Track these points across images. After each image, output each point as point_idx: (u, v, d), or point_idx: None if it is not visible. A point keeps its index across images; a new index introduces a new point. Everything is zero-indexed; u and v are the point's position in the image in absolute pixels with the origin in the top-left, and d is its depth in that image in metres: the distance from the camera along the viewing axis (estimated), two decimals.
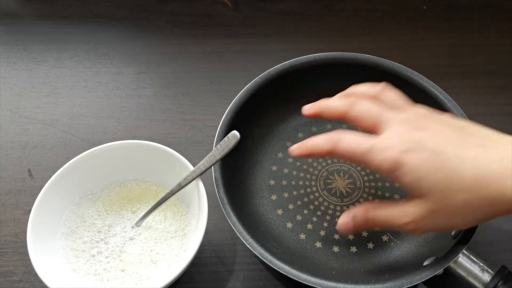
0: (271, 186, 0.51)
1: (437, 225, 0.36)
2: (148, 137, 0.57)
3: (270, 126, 0.54)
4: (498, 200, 0.33)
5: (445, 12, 0.70)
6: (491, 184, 0.32)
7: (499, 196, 0.32)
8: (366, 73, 0.53)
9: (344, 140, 0.37)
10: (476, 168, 0.33)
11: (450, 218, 0.35)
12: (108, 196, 0.48)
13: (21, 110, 0.61)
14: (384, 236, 0.48)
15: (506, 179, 0.32)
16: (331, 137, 0.38)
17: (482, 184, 0.33)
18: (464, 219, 0.35)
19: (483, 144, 0.34)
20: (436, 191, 0.34)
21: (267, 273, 0.48)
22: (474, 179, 0.33)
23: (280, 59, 0.53)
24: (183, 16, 0.70)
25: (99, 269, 0.44)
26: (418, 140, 0.34)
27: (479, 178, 0.33)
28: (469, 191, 0.33)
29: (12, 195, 0.53)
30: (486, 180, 0.33)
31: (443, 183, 0.34)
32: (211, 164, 0.45)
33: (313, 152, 0.40)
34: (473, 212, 0.34)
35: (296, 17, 0.70)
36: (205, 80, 0.63)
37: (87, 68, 0.65)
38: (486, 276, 0.40)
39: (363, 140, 0.36)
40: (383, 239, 0.47)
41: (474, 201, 0.33)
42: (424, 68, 0.52)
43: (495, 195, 0.33)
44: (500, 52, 0.65)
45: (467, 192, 0.33)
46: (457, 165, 0.33)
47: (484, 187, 0.33)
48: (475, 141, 0.34)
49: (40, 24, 0.70)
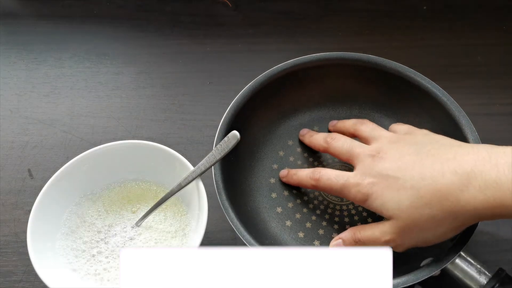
0: (272, 184, 0.51)
1: (413, 240, 0.39)
2: (148, 137, 0.57)
3: (270, 126, 0.54)
4: (458, 211, 0.35)
5: (445, 12, 0.70)
6: (448, 197, 0.36)
7: (458, 207, 0.35)
8: (367, 73, 0.53)
9: (323, 178, 0.44)
10: (432, 183, 0.37)
11: (422, 232, 0.38)
12: (108, 196, 0.48)
13: (21, 110, 0.61)
14: None
15: (462, 191, 0.35)
16: (312, 175, 0.45)
17: (441, 198, 0.36)
18: (435, 233, 0.38)
19: (439, 161, 0.37)
20: (402, 210, 0.38)
21: None
22: (432, 194, 0.36)
23: (280, 59, 0.53)
24: (183, 16, 0.70)
25: (99, 269, 0.44)
26: (379, 170, 0.40)
27: (435, 192, 0.36)
28: (431, 205, 0.37)
29: (12, 195, 0.53)
30: (441, 194, 0.36)
31: (406, 203, 0.38)
32: (211, 164, 0.45)
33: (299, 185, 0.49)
34: (440, 225, 0.37)
35: (296, 17, 0.70)
36: (205, 80, 0.63)
37: (87, 68, 0.65)
38: (483, 278, 0.40)
39: (338, 177, 0.43)
40: None
41: (437, 214, 0.36)
42: (424, 68, 0.52)
43: (454, 207, 0.35)
44: (500, 52, 0.65)
45: (429, 206, 0.37)
46: (415, 184, 0.37)
47: (442, 200, 0.36)
48: (432, 159, 0.38)
49: (40, 24, 0.70)
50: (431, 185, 0.36)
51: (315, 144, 0.50)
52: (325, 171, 0.44)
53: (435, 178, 0.37)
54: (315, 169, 0.46)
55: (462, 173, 0.35)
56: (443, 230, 0.38)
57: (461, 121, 0.47)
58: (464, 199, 0.35)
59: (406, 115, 0.53)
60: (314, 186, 0.46)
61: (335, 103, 0.55)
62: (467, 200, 0.35)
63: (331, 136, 0.47)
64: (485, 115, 0.58)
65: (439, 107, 0.49)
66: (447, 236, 0.39)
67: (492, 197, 0.34)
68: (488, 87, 0.61)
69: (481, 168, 0.35)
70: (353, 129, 0.48)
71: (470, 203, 0.35)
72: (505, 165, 0.34)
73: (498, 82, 0.62)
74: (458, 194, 0.35)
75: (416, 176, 0.38)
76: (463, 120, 0.47)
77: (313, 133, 0.52)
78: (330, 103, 0.55)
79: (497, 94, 0.60)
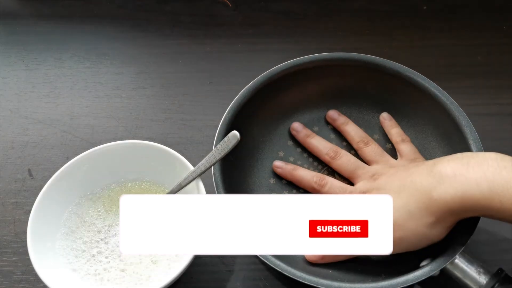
0: (271, 185, 0.51)
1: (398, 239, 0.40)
2: (148, 137, 0.57)
3: (270, 125, 0.54)
4: (432, 205, 0.39)
5: (445, 12, 0.70)
6: (424, 193, 0.40)
7: (431, 201, 0.39)
8: (367, 74, 0.53)
9: (327, 186, 0.49)
10: (411, 185, 0.41)
11: (403, 232, 0.40)
12: (108, 196, 0.48)
13: (21, 110, 0.61)
14: None
15: (435, 187, 0.39)
16: (318, 181, 0.49)
17: (417, 196, 0.40)
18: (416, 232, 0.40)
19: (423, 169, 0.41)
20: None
21: (267, 273, 0.48)
22: (410, 194, 0.41)
23: (280, 59, 0.52)
24: (183, 16, 0.70)
25: (99, 269, 0.44)
26: (377, 184, 0.46)
27: (413, 191, 0.41)
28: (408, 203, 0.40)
29: (12, 195, 0.53)
30: (418, 192, 0.40)
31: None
32: (211, 164, 0.45)
33: (297, 183, 0.51)
34: (418, 223, 0.40)
35: (296, 17, 0.70)
36: (205, 80, 0.63)
37: (87, 68, 0.65)
38: (483, 278, 0.40)
39: (341, 189, 0.48)
40: None
41: (414, 210, 0.40)
42: (424, 68, 0.52)
43: (428, 201, 0.39)
44: (500, 52, 0.65)
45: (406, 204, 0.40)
46: (397, 189, 0.42)
47: (418, 197, 0.40)
48: (416, 170, 0.42)
49: (40, 24, 0.70)
50: (410, 187, 0.41)
51: (316, 152, 0.53)
52: (331, 181, 0.49)
53: (414, 181, 0.41)
54: (322, 175, 0.50)
55: (439, 175, 0.39)
56: (422, 229, 0.40)
57: (461, 121, 0.47)
58: (437, 193, 0.39)
59: (406, 115, 0.53)
60: (315, 190, 0.49)
61: (334, 103, 0.55)
62: (439, 194, 0.38)
63: (335, 151, 0.51)
64: (485, 115, 0.58)
65: (439, 107, 0.49)
66: (428, 237, 0.41)
67: (460, 190, 0.37)
68: (488, 87, 0.61)
69: (451, 168, 0.39)
70: (357, 147, 0.52)
71: (441, 197, 0.38)
72: (475, 163, 0.38)
73: (498, 82, 0.62)
74: (432, 190, 0.39)
75: (398, 184, 0.43)
76: (463, 120, 0.47)
77: (310, 133, 0.53)
78: (329, 103, 0.55)
79: (497, 94, 0.60)
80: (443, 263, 0.40)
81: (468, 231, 0.41)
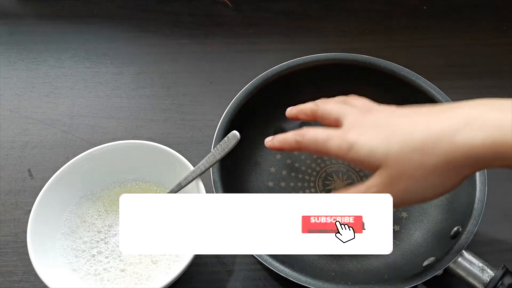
0: (270, 188, 0.51)
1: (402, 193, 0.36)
2: (148, 137, 0.57)
3: (269, 127, 0.54)
4: (452, 153, 0.33)
5: (445, 12, 0.70)
6: (442, 138, 0.33)
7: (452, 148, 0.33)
8: (364, 74, 0.53)
9: (309, 133, 0.40)
10: (426, 128, 0.34)
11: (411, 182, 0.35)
12: (108, 196, 0.48)
13: (21, 110, 0.61)
14: None
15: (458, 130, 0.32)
16: (298, 132, 0.41)
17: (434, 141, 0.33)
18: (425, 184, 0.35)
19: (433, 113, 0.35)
20: (390, 157, 0.35)
21: (267, 273, 0.48)
22: (425, 137, 0.34)
23: (280, 59, 0.53)
24: (183, 16, 0.70)
25: (99, 269, 0.44)
26: (370, 121, 0.37)
27: (429, 135, 0.34)
28: (422, 150, 0.34)
29: (12, 195, 0.53)
30: (435, 136, 0.33)
31: (395, 148, 0.35)
32: (211, 164, 0.45)
33: (283, 145, 0.43)
34: (431, 173, 0.34)
35: (296, 17, 0.70)
36: (205, 80, 0.63)
37: (87, 68, 0.65)
38: (486, 276, 0.40)
39: (324, 131, 0.39)
40: None
41: (429, 160, 0.34)
42: (424, 68, 0.52)
43: (448, 148, 0.33)
44: (500, 52, 0.65)
45: (420, 152, 0.34)
46: (407, 129, 0.35)
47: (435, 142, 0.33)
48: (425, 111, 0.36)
49: (40, 24, 0.70)
50: (424, 130, 0.34)
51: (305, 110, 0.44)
52: (312, 128, 0.41)
53: (429, 123, 0.34)
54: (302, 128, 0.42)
55: (459, 117, 0.33)
56: (434, 180, 0.35)
57: None
58: (460, 138, 0.32)
59: None
60: (298, 143, 0.41)
61: None
62: (464, 139, 0.32)
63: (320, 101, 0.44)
64: None
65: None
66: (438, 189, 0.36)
67: (492, 136, 0.32)
68: (488, 87, 0.61)
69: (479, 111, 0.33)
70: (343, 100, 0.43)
71: (466, 142, 0.32)
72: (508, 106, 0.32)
73: (498, 82, 0.62)
74: (454, 135, 0.33)
75: (408, 124, 0.35)
76: None
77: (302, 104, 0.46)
78: None
79: (497, 94, 0.60)
80: (447, 262, 0.40)
81: (470, 230, 0.42)
